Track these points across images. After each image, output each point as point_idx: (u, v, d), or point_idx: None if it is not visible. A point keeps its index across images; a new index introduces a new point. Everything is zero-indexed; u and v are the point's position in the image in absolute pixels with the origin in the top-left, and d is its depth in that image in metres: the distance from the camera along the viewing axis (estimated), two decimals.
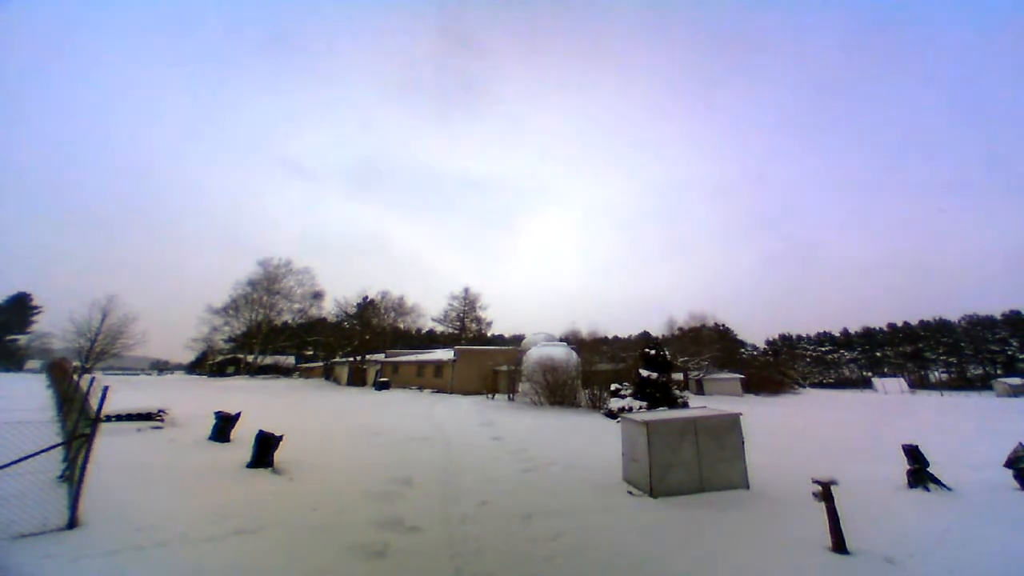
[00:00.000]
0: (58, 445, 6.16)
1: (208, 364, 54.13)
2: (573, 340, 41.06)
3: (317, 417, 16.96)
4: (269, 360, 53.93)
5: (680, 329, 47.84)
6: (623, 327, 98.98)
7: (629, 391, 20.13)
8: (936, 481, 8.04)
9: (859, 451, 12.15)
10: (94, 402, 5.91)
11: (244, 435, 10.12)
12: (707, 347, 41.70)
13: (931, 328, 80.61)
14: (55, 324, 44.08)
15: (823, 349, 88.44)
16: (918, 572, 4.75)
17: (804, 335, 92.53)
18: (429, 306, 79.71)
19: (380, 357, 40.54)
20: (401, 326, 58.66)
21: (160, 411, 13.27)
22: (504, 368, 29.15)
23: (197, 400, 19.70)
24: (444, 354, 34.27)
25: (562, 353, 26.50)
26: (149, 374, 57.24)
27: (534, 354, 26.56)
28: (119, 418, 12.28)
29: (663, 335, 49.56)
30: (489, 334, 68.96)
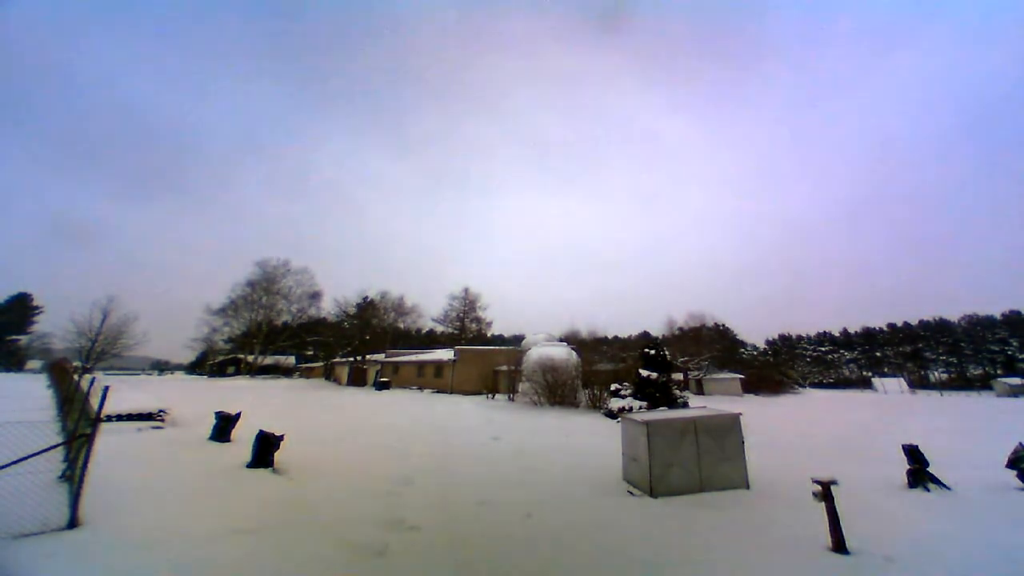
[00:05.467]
0: (59, 445, 6.16)
1: (208, 364, 54.17)
2: (573, 340, 41.07)
3: (317, 417, 16.97)
4: (269, 360, 53.94)
5: (680, 329, 47.81)
6: (623, 327, 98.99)
7: (629, 391, 20.13)
8: (936, 481, 8.04)
9: (859, 451, 12.15)
10: (94, 402, 5.92)
11: (244, 435, 10.13)
12: (707, 347, 41.72)
13: (931, 328, 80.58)
14: (56, 324, 44.21)
15: (823, 349, 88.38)
16: (918, 572, 4.75)
17: (804, 335, 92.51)
18: (429, 306, 79.71)
19: (380, 357, 40.54)
20: (401, 326, 58.66)
21: (160, 411, 13.29)
22: (504, 368, 29.15)
23: (197, 400, 19.72)
24: (444, 354, 34.28)
25: (562, 353, 26.50)
26: (149, 374, 57.24)
27: (534, 354, 26.57)
28: (120, 418, 12.29)
29: (663, 335, 49.55)
30: (489, 334, 68.87)
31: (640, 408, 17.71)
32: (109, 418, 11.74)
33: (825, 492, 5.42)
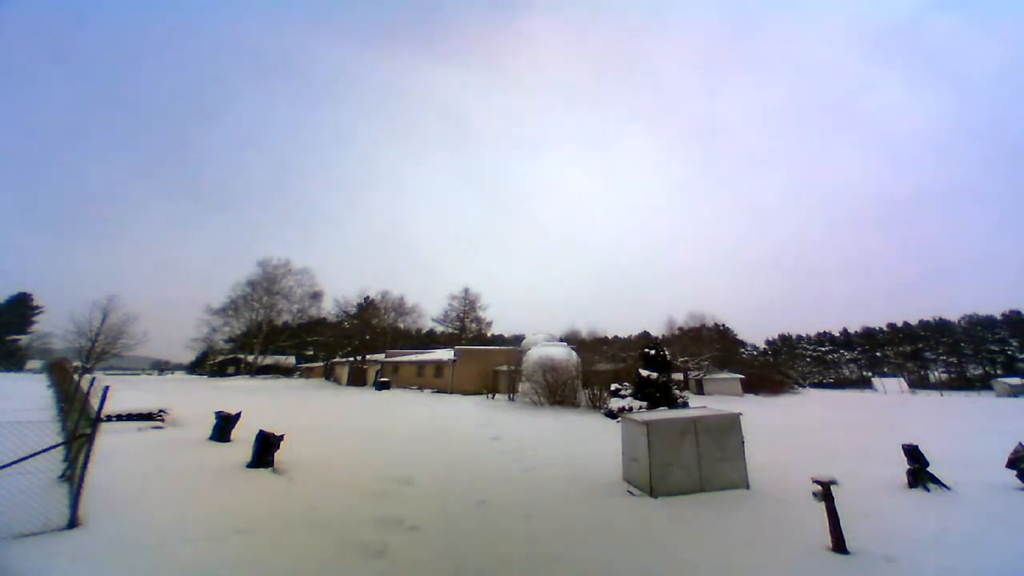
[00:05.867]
0: (59, 445, 6.16)
1: (208, 364, 54.14)
2: (573, 340, 41.13)
3: (317, 417, 16.97)
4: (269, 360, 53.95)
5: (680, 329, 47.80)
6: (623, 327, 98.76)
7: (629, 391, 20.13)
8: (936, 481, 8.04)
9: (859, 451, 12.14)
10: (95, 402, 5.91)
11: (244, 435, 10.13)
12: (707, 347, 41.67)
13: (931, 328, 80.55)
14: (56, 324, 44.23)
15: (823, 349, 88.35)
16: (918, 572, 4.75)
17: (804, 335, 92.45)
18: (429, 306, 79.63)
19: (380, 357, 40.55)
20: (401, 326, 58.70)
21: (161, 411, 13.30)
22: (504, 368, 29.15)
23: (197, 400, 19.72)
24: (444, 354, 34.27)
25: (562, 353, 26.51)
26: (150, 374, 57.24)
27: (534, 354, 26.57)
28: (120, 418, 12.30)
29: (663, 335, 49.55)
30: (489, 334, 68.90)
31: (640, 408, 17.70)
32: (109, 418, 11.75)
33: (825, 492, 5.42)
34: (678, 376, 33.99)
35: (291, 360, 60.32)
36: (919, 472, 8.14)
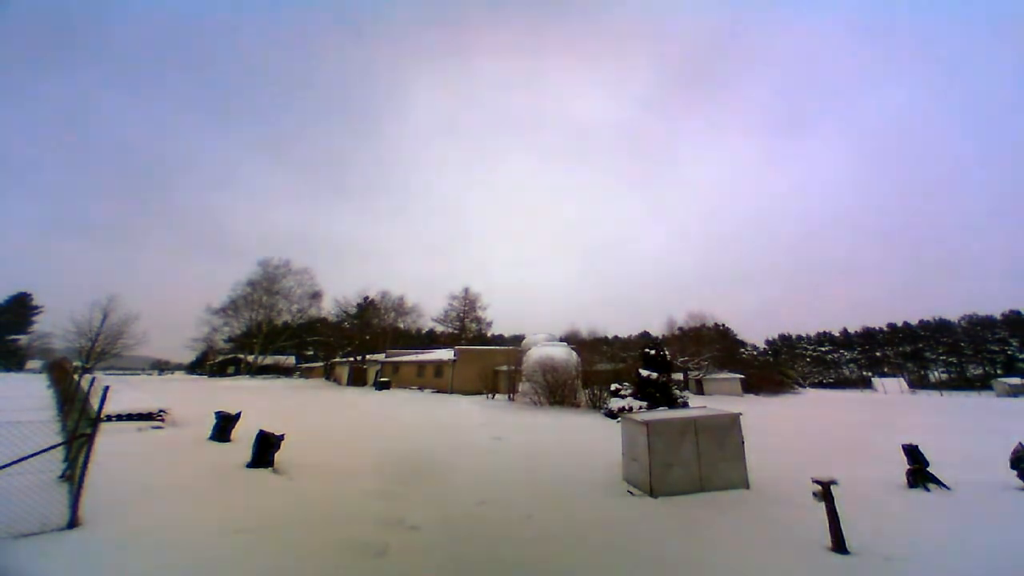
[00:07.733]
0: (59, 445, 6.17)
1: (208, 364, 54.19)
2: (573, 340, 41.03)
3: (317, 417, 16.98)
4: (269, 360, 53.98)
5: (680, 329, 47.73)
6: (623, 327, 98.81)
7: (629, 391, 20.13)
8: (936, 481, 8.04)
9: (859, 451, 12.14)
10: (95, 402, 5.92)
11: (244, 435, 10.12)
12: (707, 347, 41.64)
13: (931, 328, 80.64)
14: (56, 324, 44.29)
15: (823, 349, 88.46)
16: (918, 572, 4.75)
17: (804, 335, 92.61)
18: (429, 306, 79.66)
19: (380, 357, 40.56)
20: (401, 326, 58.77)
21: (161, 411, 13.29)
22: (504, 368, 29.16)
23: (197, 400, 19.73)
24: (444, 354, 34.29)
25: (562, 353, 26.49)
26: (149, 374, 57.24)
27: (534, 354, 26.55)
28: (120, 418, 12.30)
29: (663, 335, 49.48)
30: (489, 334, 68.89)
31: (640, 408, 17.70)
32: (109, 418, 11.74)
33: (825, 492, 5.42)
34: (678, 376, 33.98)
35: (291, 360, 60.38)
36: (919, 472, 8.14)
